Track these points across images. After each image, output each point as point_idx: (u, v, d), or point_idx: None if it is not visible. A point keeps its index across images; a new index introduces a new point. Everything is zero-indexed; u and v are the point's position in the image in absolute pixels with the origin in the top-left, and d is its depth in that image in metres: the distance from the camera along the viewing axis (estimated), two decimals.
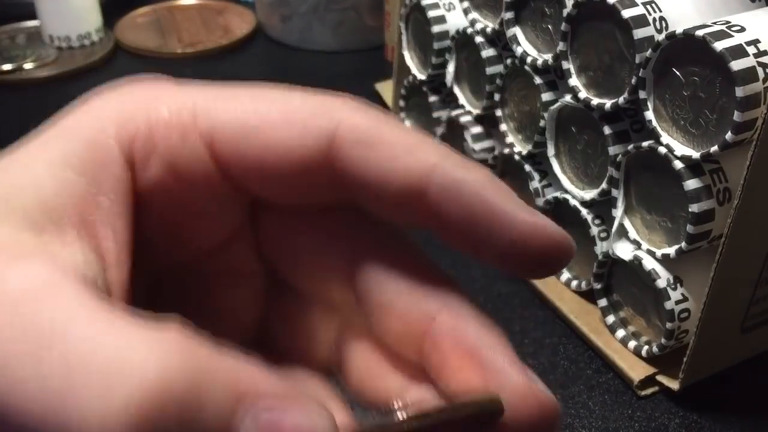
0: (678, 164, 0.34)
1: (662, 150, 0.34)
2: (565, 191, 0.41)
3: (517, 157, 0.44)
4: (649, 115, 0.35)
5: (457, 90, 0.48)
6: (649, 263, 0.37)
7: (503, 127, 0.45)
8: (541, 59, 0.41)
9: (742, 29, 0.31)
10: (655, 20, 0.34)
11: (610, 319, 0.40)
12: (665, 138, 0.34)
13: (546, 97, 0.41)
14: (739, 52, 0.31)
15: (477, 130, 0.47)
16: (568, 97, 0.39)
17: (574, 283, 0.42)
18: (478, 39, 0.45)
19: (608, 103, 0.36)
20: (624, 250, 0.38)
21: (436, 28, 0.47)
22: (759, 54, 0.31)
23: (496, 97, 0.44)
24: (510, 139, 0.45)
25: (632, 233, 0.37)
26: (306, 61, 0.65)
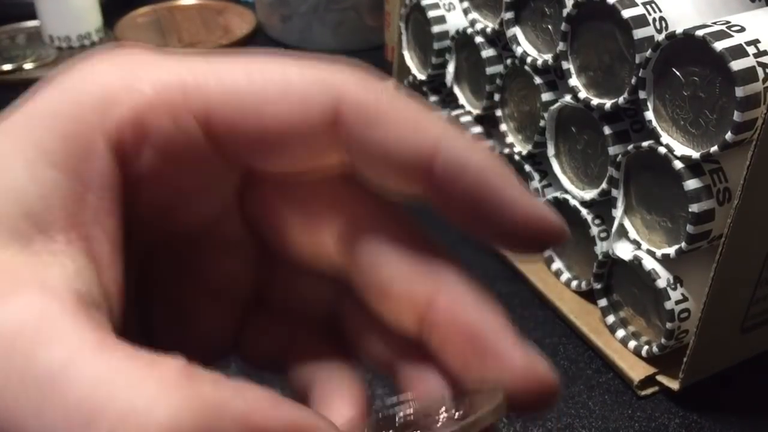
0: (678, 164, 0.34)
1: (662, 150, 0.34)
2: (565, 191, 0.41)
3: (517, 157, 0.44)
4: (649, 115, 0.35)
5: (457, 90, 0.48)
6: (649, 263, 0.37)
7: (503, 127, 0.45)
8: (541, 59, 0.41)
9: (742, 29, 0.31)
10: (655, 20, 0.34)
11: (610, 319, 0.40)
12: (665, 138, 0.34)
13: (546, 97, 0.41)
14: (739, 52, 0.31)
15: (477, 130, 0.47)
16: (568, 97, 0.39)
17: (574, 283, 0.42)
18: (478, 39, 0.45)
19: (608, 103, 0.36)
20: (624, 250, 0.38)
21: (436, 28, 0.47)
22: (759, 54, 0.31)
23: (496, 97, 0.44)
24: (510, 139, 0.45)
25: (632, 233, 0.37)
26: None
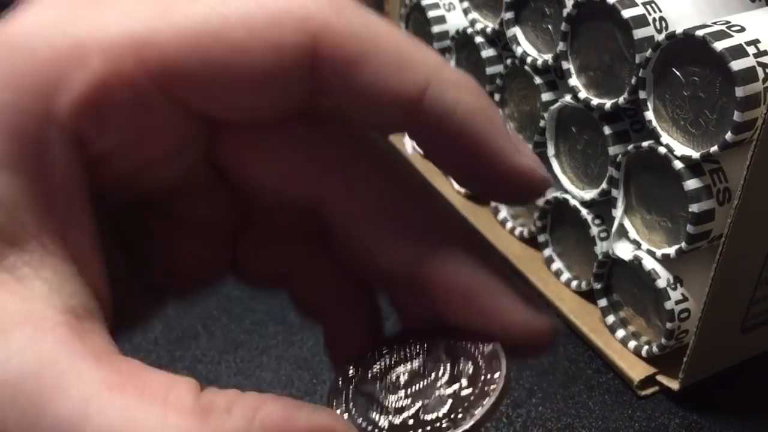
0: (678, 164, 0.34)
1: (662, 150, 0.34)
2: (565, 191, 0.41)
3: None
4: (649, 115, 0.35)
5: None
6: (649, 263, 0.37)
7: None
8: (541, 59, 0.41)
9: (742, 29, 0.31)
10: (655, 20, 0.34)
11: (610, 319, 0.40)
12: (665, 138, 0.34)
13: (546, 97, 0.41)
14: (739, 52, 0.31)
15: None
16: (568, 97, 0.39)
17: (574, 283, 0.42)
18: (478, 39, 0.45)
19: (608, 103, 0.36)
20: (624, 250, 0.38)
21: (436, 28, 0.47)
22: (759, 54, 0.31)
23: (496, 97, 0.44)
24: None
25: (632, 233, 0.37)
26: None
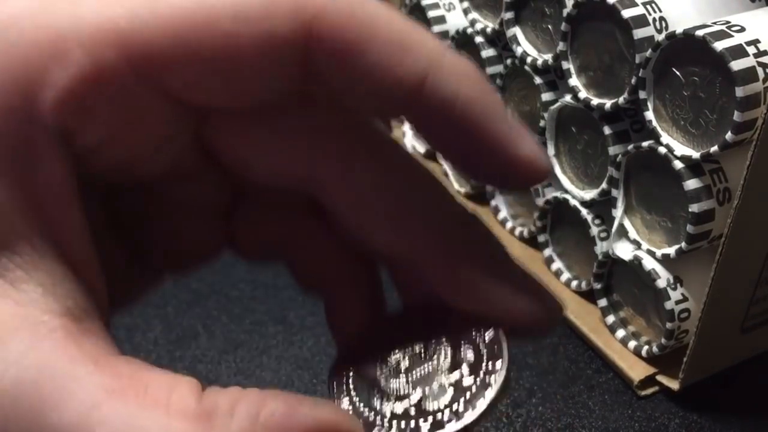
0: (678, 164, 0.34)
1: (662, 150, 0.34)
2: (565, 191, 0.41)
3: None
4: (649, 115, 0.35)
5: None
6: (649, 263, 0.37)
7: None
8: (541, 59, 0.41)
9: (742, 29, 0.31)
10: (655, 20, 0.34)
11: (610, 319, 0.40)
12: (665, 138, 0.34)
13: (546, 97, 0.41)
14: (739, 52, 0.31)
15: None
16: (568, 97, 0.39)
17: (574, 283, 0.42)
18: (478, 39, 0.45)
19: (608, 103, 0.36)
20: (624, 250, 0.38)
21: (436, 28, 0.47)
22: (759, 54, 0.31)
23: None
24: None
25: (632, 233, 0.37)
26: None
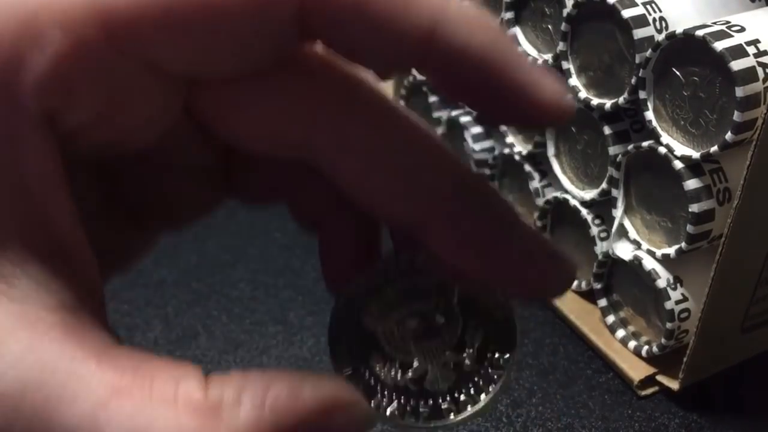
0: (678, 164, 0.34)
1: (662, 150, 0.34)
2: (565, 191, 0.41)
3: (517, 157, 0.44)
4: (649, 115, 0.35)
5: None
6: (649, 263, 0.37)
7: (503, 127, 0.45)
8: (541, 59, 0.41)
9: (742, 29, 0.31)
10: (655, 20, 0.34)
11: (610, 319, 0.40)
12: (665, 138, 0.34)
13: None
14: (739, 52, 0.31)
15: (477, 130, 0.47)
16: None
17: (574, 283, 0.42)
18: None
19: (608, 103, 0.36)
20: (624, 250, 0.38)
21: None
22: (759, 54, 0.31)
23: None
24: (510, 139, 0.45)
25: (632, 233, 0.37)
26: None
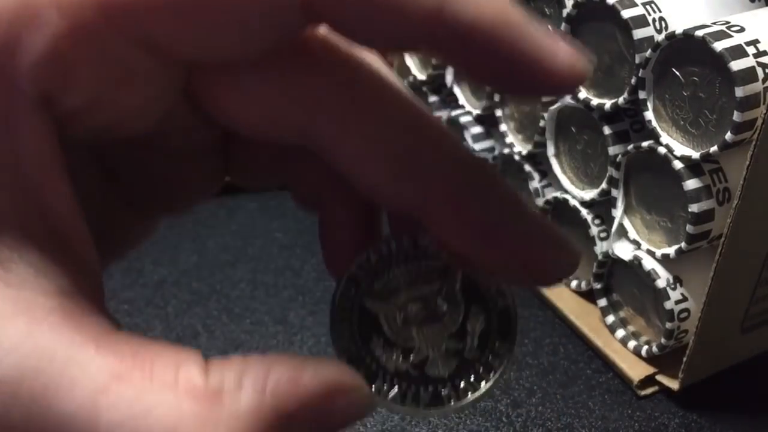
0: (678, 164, 0.34)
1: (662, 150, 0.34)
2: (565, 191, 0.41)
3: (517, 157, 0.44)
4: (649, 115, 0.35)
5: (457, 90, 0.48)
6: (648, 263, 0.37)
7: (503, 127, 0.45)
8: None
9: (742, 29, 0.31)
10: (654, 20, 0.34)
11: (610, 319, 0.40)
12: (665, 138, 0.34)
13: (545, 97, 0.41)
14: (738, 52, 0.31)
15: (477, 130, 0.47)
16: (568, 97, 0.39)
17: (574, 283, 0.42)
18: None
19: (608, 103, 0.36)
20: (624, 250, 0.38)
21: None
22: (759, 54, 0.31)
23: (496, 98, 0.44)
24: (510, 139, 0.45)
25: (632, 233, 0.37)
26: None
